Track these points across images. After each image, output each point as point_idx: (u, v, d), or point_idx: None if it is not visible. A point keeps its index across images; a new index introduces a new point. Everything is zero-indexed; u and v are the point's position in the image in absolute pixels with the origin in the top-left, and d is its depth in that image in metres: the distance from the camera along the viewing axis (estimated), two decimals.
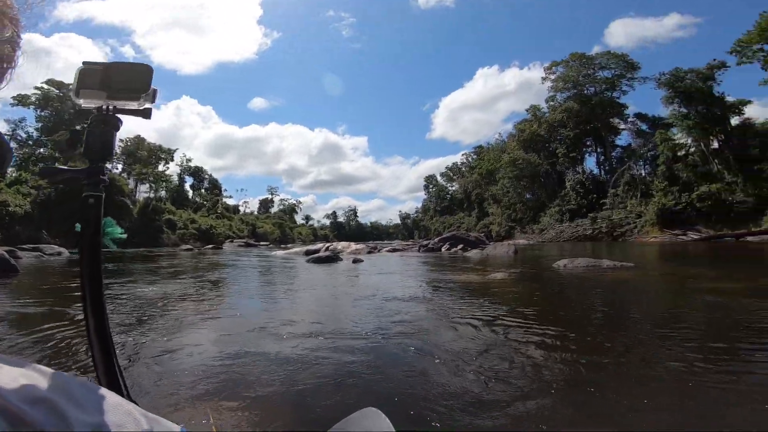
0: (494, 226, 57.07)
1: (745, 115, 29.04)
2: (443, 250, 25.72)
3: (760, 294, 6.60)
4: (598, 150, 54.65)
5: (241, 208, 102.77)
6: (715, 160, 29.91)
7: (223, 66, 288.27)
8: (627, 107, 50.61)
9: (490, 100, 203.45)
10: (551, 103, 56.64)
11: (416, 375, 3.34)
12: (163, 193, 72.48)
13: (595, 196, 39.33)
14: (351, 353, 3.94)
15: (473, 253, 22.06)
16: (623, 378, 3.23)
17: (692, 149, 31.37)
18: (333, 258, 18.04)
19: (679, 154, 30.29)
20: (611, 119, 50.17)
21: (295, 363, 3.65)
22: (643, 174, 41.20)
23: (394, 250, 28.20)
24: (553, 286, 9.24)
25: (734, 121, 29.27)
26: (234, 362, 3.70)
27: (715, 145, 30.87)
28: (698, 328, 4.80)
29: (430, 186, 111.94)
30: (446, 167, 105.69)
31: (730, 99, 29.65)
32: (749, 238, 16.83)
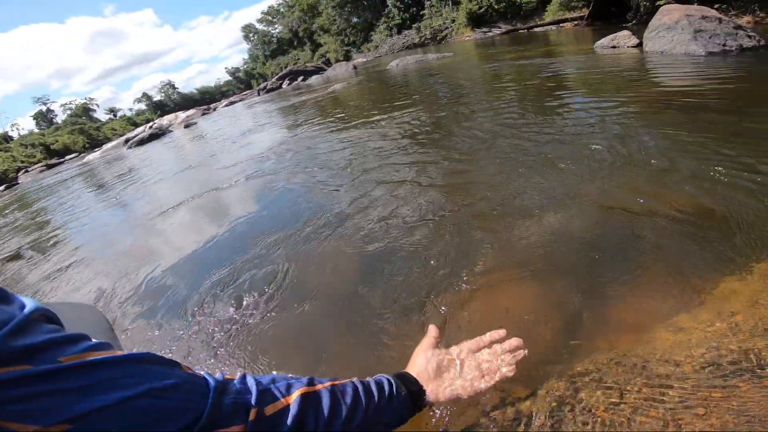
0: (331, 54, 54.60)
1: None
2: (284, 86, 24.24)
3: (547, 57, 8.21)
4: None
5: (12, 133, 73.16)
6: None
7: None
8: None
9: None
10: None
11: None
12: None
13: (414, 9, 41.14)
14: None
15: (314, 79, 21.47)
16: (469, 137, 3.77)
17: None
18: (159, 134, 14.99)
19: None
20: None
21: None
22: None
23: (232, 103, 25.77)
24: (390, 80, 9.83)
25: None
26: None
27: None
28: (513, 81, 5.95)
29: (251, 35, 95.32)
30: (262, 12, 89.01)
31: None
32: (536, 29, 19.92)
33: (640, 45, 7.03)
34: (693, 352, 1.12)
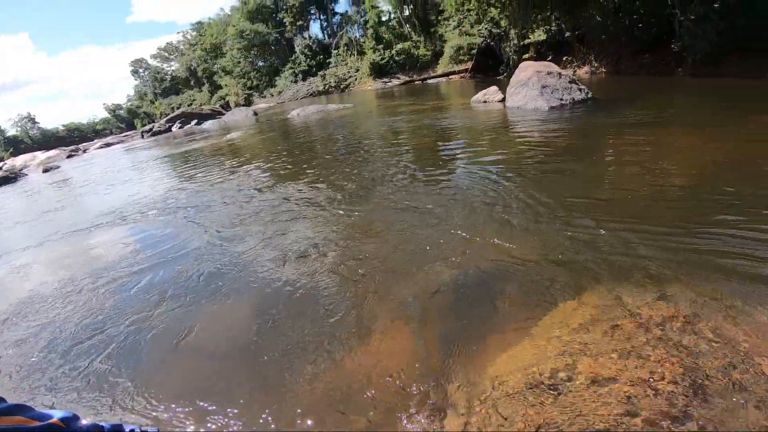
0: (231, 97, 53.19)
1: None
2: (175, 129, 22.19)
3: (435, 111, 9.19)
4: (322, 17, 57.74)
5: None
6: (407, 25, 37.12)
7: None
8: None
9: None
10: None
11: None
12: None
13: (321, 57, 42.62)
14: None
15: (210, 124, 20.13)
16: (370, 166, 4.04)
17: (392, 16, 38.36)
18: (9, 178, 12.86)
19: (383, 19, 36.78)
20: None
21: None
22: (357, 36, 46.87)
23: (108, 145, 22.13)
24: (291, 130, 10.01)
25: None
26: None
27: (407, 12, 38.67)
28: (404, 136, 6.52)
29: (141, 70, 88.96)
30: (158, 48, 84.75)
31: None
32: (429, 81, 22.18)
33: (504, 100, 8.31)
34: (516, 373, 1.51)
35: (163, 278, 2.89)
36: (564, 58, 24.41)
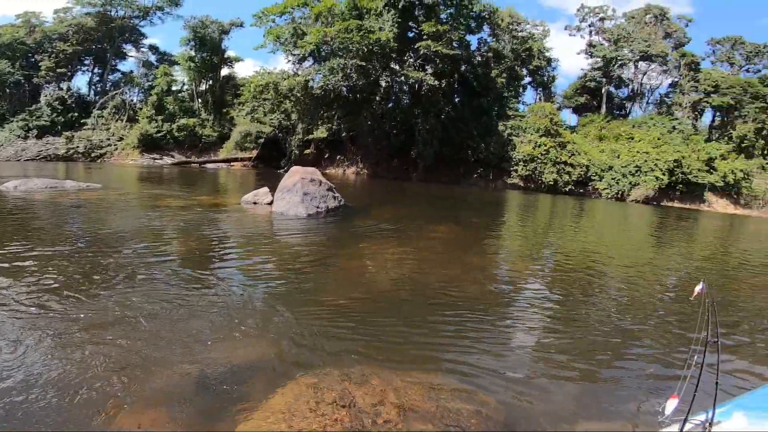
0: None
1: (234, 69, 36.96)
2: None
3: (205, 208, 8.80)
4: (96, 70, 48.53)
5: None
6: (199, 100, 35.48)
7: None
8: (146, 36, 47.90)
9: None
10: (62, 14, 42.71)
11: None
12: None
13: (76, 114, 35.18)
14: None
15: None
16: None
17: (185, 87, 35.55)
18: None
19: (173, 88, 34.01)
20: (125, 45, 45.63)
21: None
22: (135, 100, 41.51)
23: None
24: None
25: (225, 71, 36.41)
26: None
27: (204, 87, 36.91)
28: (164, 241, 5.87)
29: None
30: None
31: (231, 53, 36.80)
32: (208, 165, 21.36)
33: (272, 203, 8.95)
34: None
35: None
36: (338, 157, 28.75)
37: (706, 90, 33.06)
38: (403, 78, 27.39)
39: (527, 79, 39.80)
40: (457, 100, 30.48)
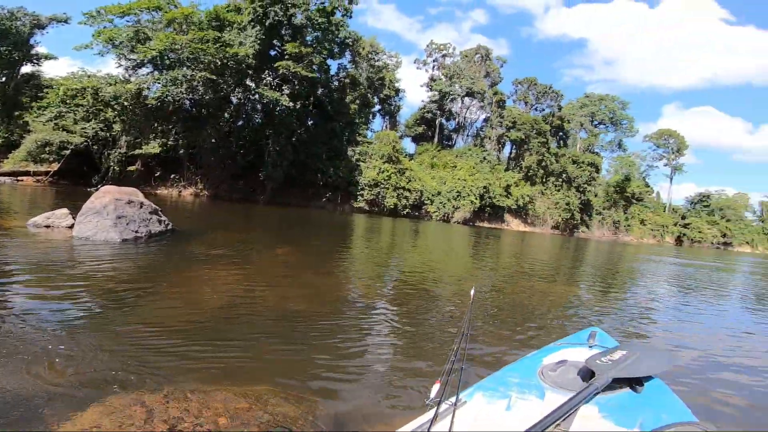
0: None
1: (41, 68, 30.78)
2: None
3: None
4: None
5: None
6: None
7: None
8: None
9: None
10: None
11: None
12: None
13: None
14: None
15: None
16: None
17: None
18: None
19: None
20: None
21: None
22: None
23: None
24: None
25: (27, 68, 30.71)
26: None
27: None
28: None
29: None
30: None
31: (41, 49, 30.90)
32: None
33: (73, 226, 7.65)
34: None
35: None
36: (173, 176, 25.87)
37: (507, 125, 41.59)
38: (257, 96, 26.87)
39: (377, 107, 43.77)
40: (310, 122, 31.43)
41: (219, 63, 23.09)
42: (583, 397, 1.44)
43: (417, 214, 31.02)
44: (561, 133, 48.48)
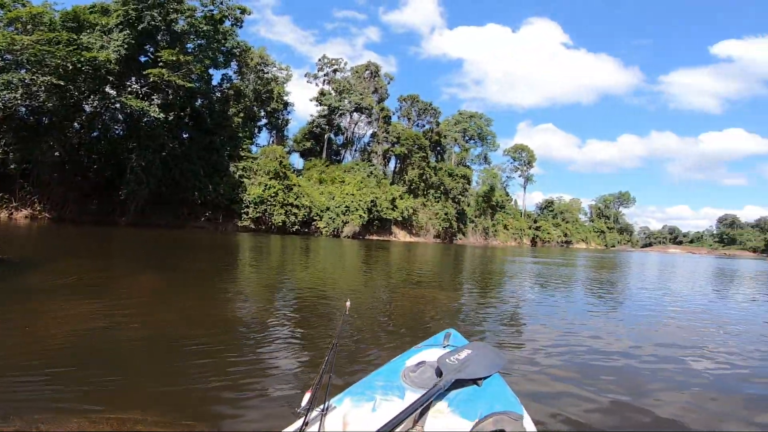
0: None
1: None
2: None
3: None
4: None
5: None
6: None
7: None
8: None
9: None
10: None
11: None
12: None
13: None
14: None
15: None
16: None
17: None
18: None
19: None
20: None
21: None
22: None
23: None
24: None
25: None
26: None
27: None
28: None
29: None
30: None
31: None
32: None
33: None
34: None
35: None
36: (0, 195, 21.01)
37: (392, 141, 43.98)
38: (118, 105, 23.56)
39: (263, 121, 42.01)
40: (185, 135, 28.65)
41: (70, 67, 19.86)
42: (431, 395, 1.60)
43: (306, 230, 30.96)
44: (438, 148, 53.35)
